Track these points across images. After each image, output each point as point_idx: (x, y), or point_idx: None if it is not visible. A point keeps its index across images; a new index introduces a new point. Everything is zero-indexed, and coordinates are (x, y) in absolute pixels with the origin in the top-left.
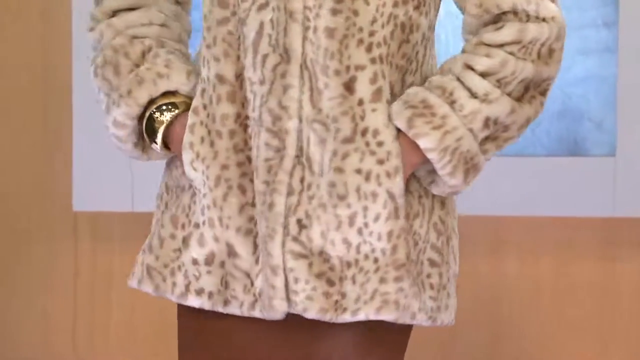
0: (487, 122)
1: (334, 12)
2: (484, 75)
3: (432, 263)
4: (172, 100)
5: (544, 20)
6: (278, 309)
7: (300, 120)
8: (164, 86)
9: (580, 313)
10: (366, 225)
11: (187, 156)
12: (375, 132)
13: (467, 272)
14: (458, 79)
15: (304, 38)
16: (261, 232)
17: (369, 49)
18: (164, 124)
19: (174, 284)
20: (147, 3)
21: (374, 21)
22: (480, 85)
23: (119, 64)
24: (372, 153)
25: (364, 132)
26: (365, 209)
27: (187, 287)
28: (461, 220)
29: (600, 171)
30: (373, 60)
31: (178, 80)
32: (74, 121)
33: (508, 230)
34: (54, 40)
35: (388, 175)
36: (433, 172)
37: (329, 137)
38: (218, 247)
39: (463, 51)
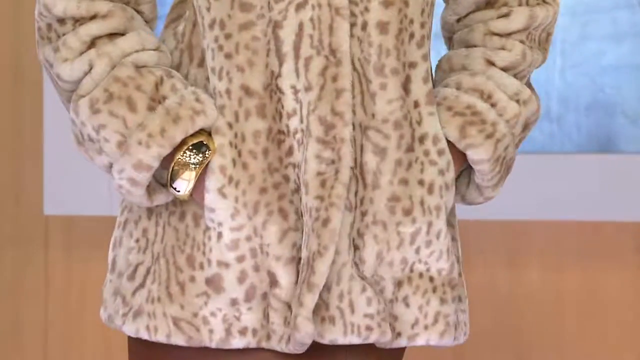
0: (524, 125)
1: (386, 4)
2: (505, 71)
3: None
4: (200, 139)
5: (545, 1)
6: (301, 329)
7: (354, 128)
8: (200, 123)
9: (612, 330)
10: (429, 243)
11: (215, 182)
12: (436, 139)
13: (483, 284)
14: (489, 79)
15: (351, 36)
16: (310, 250)
17: (420, 43)
18: (194, 168)
19: (211, 332)
20: (132, 26)
21: (422, 11)
22: (511, 84)
23: (132, 98)
24: (433, 163)
25: (422, 139)
26: (430, 224)
27: (227, 330)
28: (477, 225)
29: (634, 170)
30: (425, 57)
31: (213, 115)
32: (45, 117)
33: (529, 237)
34: (25, 42)
35: (447, 187)
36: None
37: (391, 145)
38: (259, 278)
39: (464, 41)
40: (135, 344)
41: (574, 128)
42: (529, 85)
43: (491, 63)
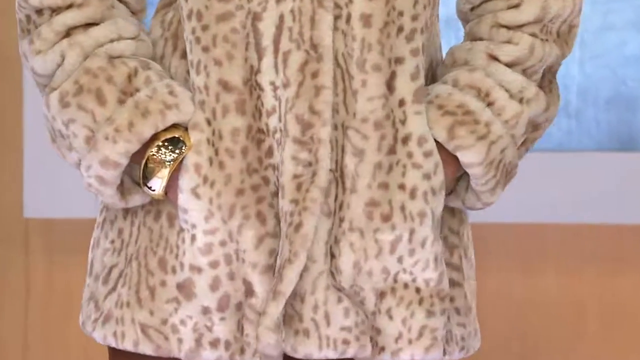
0: (527, 126)
1: None
2: (510, 66)
3: (453, 283)
4: (175, 134)
5: None
6: (262, 339)
7: (335, 128)
8: (172, 118)
9: (633, 338)
10: (412, 252)
11: (189, 181)
12: (422, 140)
13: (497, 291)
14: (489, 75)
15: (335, 29)
16: (282, 257)
17: (410, 37)
18: (173, 164)
19: (180, 341)
20: (111, 15)
21: (416, 3)
22: (514, 80)
23: (101, 90)
24: (417, 166)
25: (406, 140)
26: (412, 232)
27: (198, 341)
28: (490, 229)
29: None
30: (414, 52)
31: (187, 110)
32: (25, 118)
33: (545, 241)
34: (3, 42)
35: (434, 192)
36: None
37: (370, 146)
38: (234, 287)
39: (472, 34)
40: (114, 353)
41: (593, 124)
42: (549, 81)
43: (494, 58)
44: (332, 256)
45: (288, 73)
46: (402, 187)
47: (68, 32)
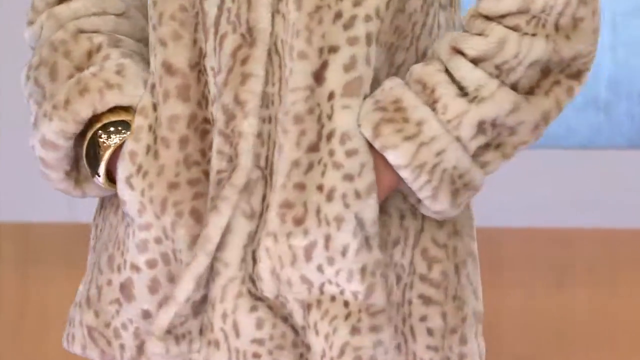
0: (481, 127)
1: None
2: (477, 61)
3: (427, 301)
4: (124, 117)
5: None
6: (147, 349)
7: (269, 121)
8: (113, 99)
9: None
10: (331, 261)
11: (123, 170)
12: (345, 138)
13: (521, 307)
14: (446, 70)
15: (275, 12)
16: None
17: (349, 24)
18: (110, 149)
19: (122, 347)
20: None
21: None
22: (472, 76)
23: (56, 65)
24: (337, 166)
25: (329, 137)
26: (328, 238)
27: (139, 348)
28: (511, 234)
29: None
30: (352, 41)
31: (132, 93)
32: None
33: (575, 248)
34: None
35: (358, 195)
36: None
37: (288, 142)
38: (173, 289)
39: (462, 25)
40: None
41: (626, 118)
42: (574, 77)
43: (458, 51)
44: (255, 262)
45: (221, 58)
46: (320, 188)
47: (61, 1)
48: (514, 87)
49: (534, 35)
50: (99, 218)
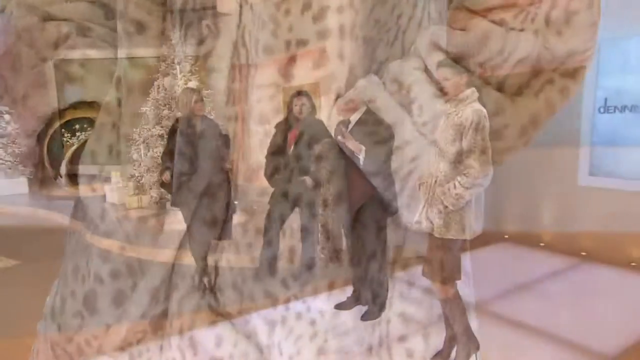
0: (458, 130)
1: None
2: (458, 59)
3: (406, 319)
4: (89, 114)
5: None
6: None
7: (231, 119)
8: (75, 94)
9: None
10: (295, 276)
11: (83, 170)
12: (313, 140)
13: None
14: (425, 68)
15: (243, 1)
16: None
17: (319, 16)
18: (72, 148)
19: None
20: None
21: None
22: (450, 75)
23: (20, 54)
24: (305, 171)
25: (299, 139)
26: (292, 250)
27: None
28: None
29: None
30: (322, 34)
31: (97, 87)
32: None
33: None
34: None
35: (326, 204)
36: None
37: (253, 143)
38: None
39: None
40: None
41: None
42: (569, 76)
43: (438, 47)
44: (217, 274)
45: (186, 50)
46: (284, 195)
47: None
48: (499, 86)
49: (521, 30)
50: (72, 223)
